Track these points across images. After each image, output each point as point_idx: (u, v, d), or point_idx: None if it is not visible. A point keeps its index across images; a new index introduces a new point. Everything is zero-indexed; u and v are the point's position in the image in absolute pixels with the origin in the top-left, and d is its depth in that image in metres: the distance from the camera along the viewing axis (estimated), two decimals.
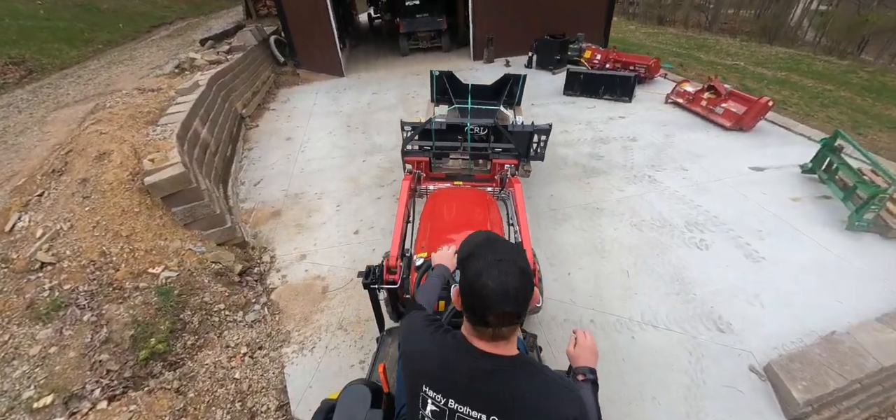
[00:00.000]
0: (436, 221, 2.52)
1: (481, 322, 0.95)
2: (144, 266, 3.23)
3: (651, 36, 18.85)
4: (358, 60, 11.69)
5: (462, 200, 2.74)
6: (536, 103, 7.38)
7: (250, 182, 5.35)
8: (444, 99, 4.62)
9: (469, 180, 3.48)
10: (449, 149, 3.59)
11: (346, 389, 1.33)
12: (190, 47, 9.23)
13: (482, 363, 0.97)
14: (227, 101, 6.57)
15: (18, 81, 7.28)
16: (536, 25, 10.11)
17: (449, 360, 1.02)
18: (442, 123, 3.54)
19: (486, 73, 9.28)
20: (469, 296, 0.96)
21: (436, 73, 4.45)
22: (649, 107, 7.10)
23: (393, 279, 2.15)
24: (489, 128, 3.48)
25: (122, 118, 4.48)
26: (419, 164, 3.35)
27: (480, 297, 0.92)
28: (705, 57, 14.33)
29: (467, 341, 1.01)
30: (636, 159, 5.40)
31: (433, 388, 1.01)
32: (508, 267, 0.93)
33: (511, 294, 0.91)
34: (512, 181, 3.00)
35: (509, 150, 3.42)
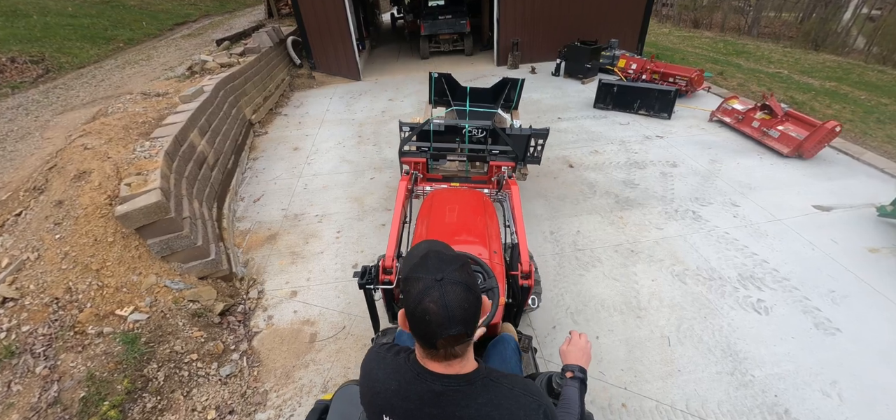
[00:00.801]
0: (432, 222, 2.48)
1: (430, 346, 0.91)
2: (112, 306, 2.87)
3: (686, 40, 17.72)
4: (376, 63, 11.31)
5: (459, 201, 2.69)
6: (564, 117, 6.77)
7: (250, 198, 4.99)
8: (442, 101, 4.61)
9: (466, 182, 3.50)
10: (446, 150, 3.60)
11: (340, 390, 1.31)
12: (207, 48, 9.05)
13: (433, 385, 0.93)
14: (234, 108, 6.27)
15: (34, 81, 7.21)
16: (565, 30, 9.47)
17: (402, 387, 0.98)
18: (440, 125, 3.54)
19: None
20: (413, 321, 0.90)
21: (434, 76, 4.41)
22: (691, 125, 6.37)
23: (388, 280, 2.16)
24: (487, 130, 3.50)
25: (115, 130, 4.18)
26: (416, 164, 3.34)
27: (424, 322, 0.87)
28: (746, 64, 13.23)
29: (420, 364, 0.97)
30: (677, 189, 4.74)
31: (391, 415, 0.98)
32: (450, 287, 0.87)
33: (456, 316, 0.86)
34: (509, 183, 2.97)
35: (506, 153, 3.47)
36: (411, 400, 0.96)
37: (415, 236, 2.54)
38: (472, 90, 4.40)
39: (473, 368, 0.97)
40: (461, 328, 0.87)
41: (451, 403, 0.93)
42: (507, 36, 9.48)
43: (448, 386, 0.93)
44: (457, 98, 4.47)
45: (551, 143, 5.87)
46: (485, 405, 0.92)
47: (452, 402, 0.93)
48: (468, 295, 0.89)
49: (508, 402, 0.94)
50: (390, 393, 1.00)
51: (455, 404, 0.93)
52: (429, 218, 2.53)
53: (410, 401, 0.96)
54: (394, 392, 0.99)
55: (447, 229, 2.41)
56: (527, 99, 7.65)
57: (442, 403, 0.93)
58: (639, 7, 9.74)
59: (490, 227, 2.46)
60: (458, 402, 0.93)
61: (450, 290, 0.87)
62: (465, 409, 0.92)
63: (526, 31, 9.45)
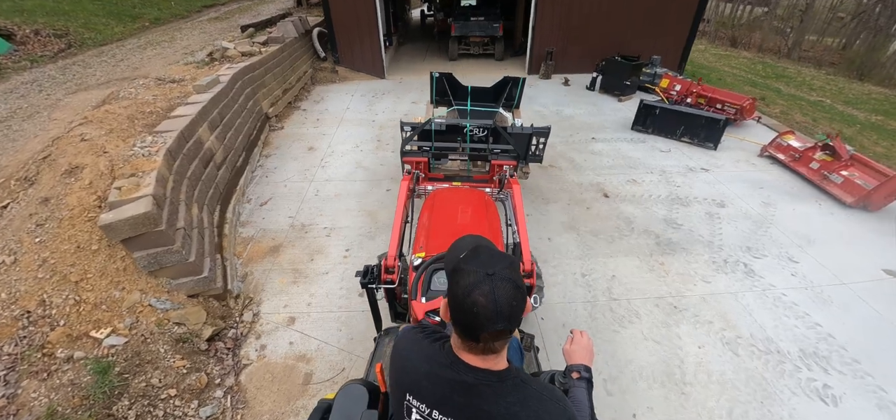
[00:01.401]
0: (434, 221, 2.46)
1: (472, 338, 0.91)
2: (87, 326, 2.57)
3: (722, 59, 16.81)
4: (402, 61, 10.94)
5: (461, 201, 2.70)
6: (599, 138, 6.26)
7: (257, 201, 4.68)
8: (443, 100, 4.57)
9: (468, 181, 3.51)
10: (448, 150, 3.62)
11: (343, 389, 1.31)
12: (231, 33, 8.84)
13: (466, 377, 0.94)
14: (251, 100, 5.98)
15: (54, 56, 7.09)
16: (603, 43, 8.91)
17: (433, 372, 0.99)
18: (441, 124, 3.53)
19: (541, 91, 8.25)
20: (458, 312, 0.91)
21: (435, 75, 4.39)
22: (739, 159, 5.79)
23: (390, 279, 2.15)
24: (488, 129, 3.51)
25: (118, 120, 3.91)
26: (418, 164, 3.35)
27: (471, 314, 0.87)
28: (785, 89, 12.34)
29: (455, 354, 0.98)
30: (726, 235, 4.22)
31: (417, 398, 1.00)
32: (500, 283, 0.88)
33: (504, 312, 0.87)
34: (510, 182, 3.00)
35: (508, 152, 3.49)
36: (441, 386, 0.97)
37: (416, 236, 2.47)
38: (474, 89, 4.36)
39: (505, 367, 0.98)
40: (506, 324, 0.88)
41: (481, 397, 0.93)
42: (542, 44, 8.98)
43: (480, 379, 0.94)
44: (458, 97, 4.42)
45: (584, 166, 5.40)
46: (513, 404, 0.93)
47: (482, 396, 0.93)
48: (516, 293, 0.90)
49: (536, 405, 0.94)
50: (420, 375, 1.01)
51: (484, 399, 0.93)
52: (431, 217, 2.51)
53: (440, 387, 0.97)
54: (424, 375, 1.00)
55: (449, 228, 2.38)
56: (558, 114, 7.17)
57: (471, 395, 0.94)
58: (684, 24, 9.11)
59: (492, 226, 2.45)
60: (488, 397, 0.93)
61: (500, 286, 0.88)
62: (493, 405, 0.92)
63: (562, 40, 8.93)
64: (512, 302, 0.88)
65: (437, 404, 0.97)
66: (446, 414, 0.96)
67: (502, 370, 0.96)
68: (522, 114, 4.73)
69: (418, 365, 1.02)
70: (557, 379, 1.34)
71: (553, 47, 8.81)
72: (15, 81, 5.90)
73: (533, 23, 8.92)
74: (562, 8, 8.69)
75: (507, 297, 0.87)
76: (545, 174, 5.20)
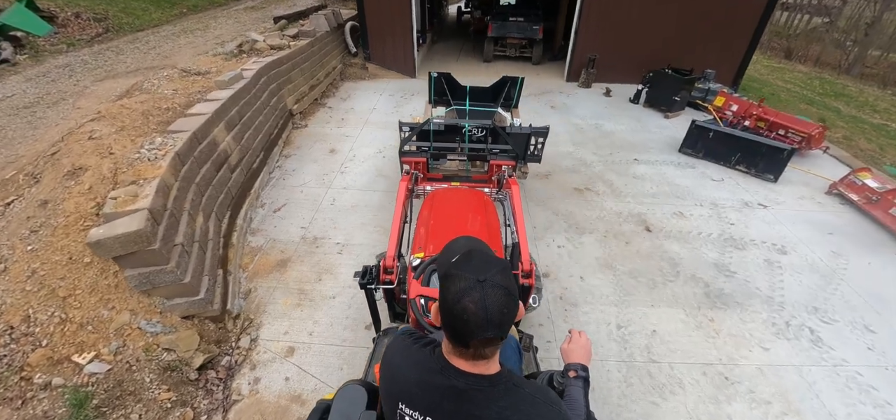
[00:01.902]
0: (433, 221, 2.44)
1: (462, 344, 0.91)
2: (70, 349, 2.37)
3: (775, 72, 15.51)
4: (434, 59, 10.59)
5: (459, 201, 2.69)
6: (642, 159, 5.71)
7: (271, 206, 4.47)
8: (442, 100, 4.52)
9: (467, 181, 3.51)
10: (447, 150, 3.61)
11: (341, 390, 1.29)
12: (263, 24, 8.74)
13: (457, 382, 0.94)
14: (275, 97, 5.80)
15: (91, 40, 7.17)
16: (651, 52, 8.25)
17: (424, 379, 0.98)
18: (440, 124, 3.54)
19: (579, 100, 7.70)
20: (448, 318, 0.91)
21: (434, 75, 4.32)
22: (803, 196, 5.12)
23: (389, 279, 2.15)
24: (487, 129, 3.52)
25: (132, 116, 3.76)
26: (417, 164, 3.34)
27: (461, 321, 0.88)
28: (845, 109, 11.12)
29: (445, 359, 0.98)
30: (788, 290, 3.66)
31: (409, 406, 0.98)
32: (491, 290, 0.87)
33: (495, 319, 0.87)
34: (509, 182, 3.00)
35: (507, 152, 3.50)
36: (432, 392, 0.96)
37: (415, 236, 2.45)
38: (472, 89, 4.33)
39: (497, 371, 0.97)
40: (497, 332, 0.88)
41: (472, 403, 0.92)
42: (584, 50, 8.40)
43: (471, 385, 0.93)
44: (457, 97, 4.38)
45: (625, 192, 4.89)
46: (505, 409, 0.92)
47: (473, 401, 0.92)
48: (508, 300, 0.89)
49: (528, 408, 0.93)
50: (411, 383, 1.00)
51: (476, 404, 0.92)
52: (429, 217, 2.48)
53: (431, 393, 0.96)
54: (415, 382, 0.99)
55: (448, 228, 2.34)
56: (598, 129, 6.63)
57: (462, 401, 0.93)
58: (743, 36, 8.29)
59: (491, 227, 2.43)
60: (479, 403, 0.92)
61: (491, 292, 0.87)
62: (485, 410, 0.92)
63: (606, 47, 8.32)
64: (503, 309, 0.87)
65: (429, 411, 0.95)
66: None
67: (494, 374, 0.95)
68: (551, 124, 4.44)
69: (409, 372, 1.01)
70: (556, 379, 1.34)
71: (596, 54, 8.22)
72: (49, 65, 5.96)
73: (576, 26, 8.36)
74: (609, 12, 8.08)
75: (498, 304, 0.86)
76: (580, 198, 4.73)
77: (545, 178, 5.09)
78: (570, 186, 4.95)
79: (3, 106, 4.71)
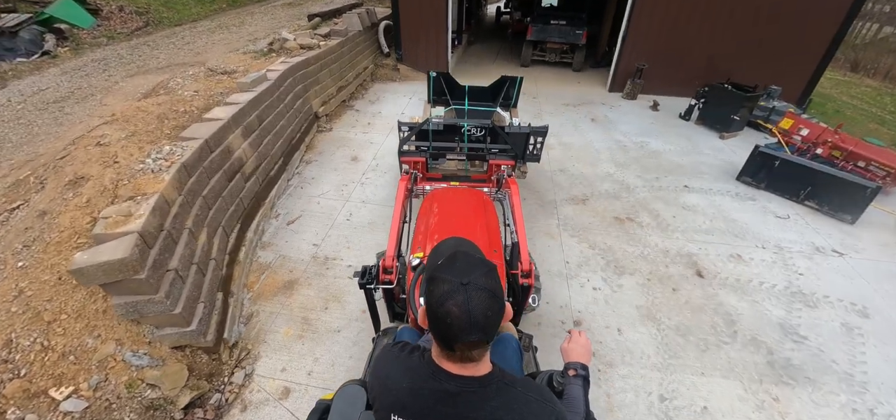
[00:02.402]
0: (432, 221, 2.42)
1: (447, 347, 0.92)
2: (49, 382, 2.19)
3: (839, 85, 14.00)
4: (469, 62, 10.19)
5: (458, 200, 2.68)
6: (693, 186, 5.09)
7: (285, 218, 4.25)
8: (441, 100, 4.49)
9: (466, 181, 3.49)
10: (446, 149, 3.63)
11: (341, 390, 1.29)
12: (297, 21, 8.65)
13: (449, 386, 0.93)
14: (300, 99, 5.61)
15: (130, 34, 7.28)
16: (706, 64, 7.52)
17: (416, 386, 0.97)
18: (439, 124, 3.55)
19: (623, 114, 7.09)
20: (433, 321, 0.91)
21: (433, 75, 4.30)
22: (887, 243, 4.37)
23: (389, 279, 2.16)
24: (486, 129, 3.53)
25: (146, 120, 3.61)
26: (416, 164, 3.33)
27: (444, 324, 0.88)
28: None
29: (435, 363, 0.97)
30: (872, 367, 3.03)
31: (402, 415, 0.96)
32: (475, 293, 0.87)
33: (479, 323, 0.86)
34: (508, 182, 3.01)
35: (506, 151, 3.53)
36: (424, 398, 0.95)
37: (415, 236, 2.45)
38: (471, 89, 4.33)
39: (488, 371, 0.97)
40: (481, 335, 0.88)
41: (465, 405, 0.92)
42: (632, 58, 7.75)
43: (463, 387, 0.93)
44: (455, 97, 4.37)
45: (673, 226, 4.33)
46: (498, 409, 0.92)
47: (466, 403, 0.92)
48: (492, 302, 0.89)
49: (521, 407, 0.94)
50: (403, 391, 0.99)
51: (468, 406, 0.92)
52: (429, 217, 2.48)
53: (423, 399, 0.95)
54: (406, 390, 0.98)
55: (447, 228, 2.33)
56: (643, 148, 6.04)
57: (455, 404, 0.93)
58: (816, 49, 7.37)
59: (490, 226, 2.42)
60: (472, 404, 0.92)
61: (474, 295, 0.87)
62: (478, 411, 0.92)
63: (656, 56, 7.65)
64: (487, 312, 0.87)
65: (423, 417, 0.94)
66: None
67: (484, 375, 0.95)
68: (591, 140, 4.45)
69: (400, 381, 1.00)
70: (556, 378, 1.33)
71: (644, 63, 7.56)
72: (86, 59, 6.04)
73: (624, 32, 7.72)
74: (663, 17, 7.40)
75: (481, 307, 0.86)
76: (621, 230, 4.22)
77: (581, 204, 4.61)
78: (610, 215, 4.44)
79: (35, 100, 4.75)
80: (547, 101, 7.67)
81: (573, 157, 5.59)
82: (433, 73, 4.28)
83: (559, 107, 7.38)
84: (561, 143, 5.97)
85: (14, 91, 5.02)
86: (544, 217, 4.36)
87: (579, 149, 5.84)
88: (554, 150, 5.76)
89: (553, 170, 5.24)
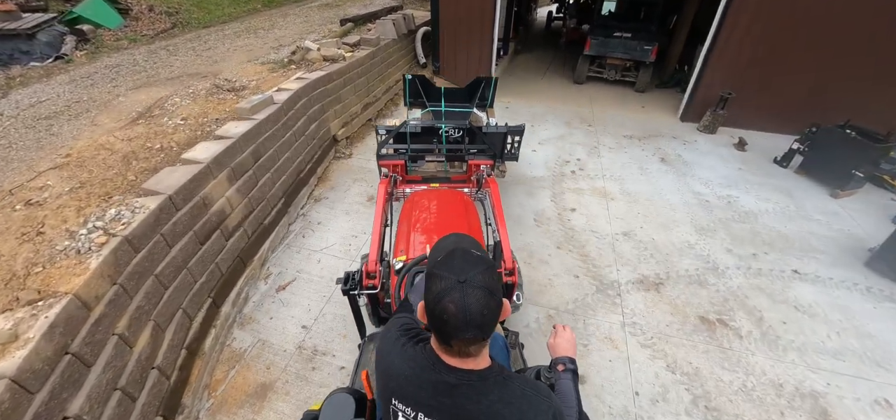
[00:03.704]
0: (414, 223, 2.45)
1: (444, 343, 0.94)
2: None
3: None
4: (515, 76, 9.11)
5: (439, 202, 2.66)
6: (805, 271, 3.80)
7: (276, 280, 3.48)
8: (417, 102, 4.42)
9: (446, 182, 3.51)
10: (424, 151, 3.65)
11: (329, 398, 1.29)
12: (328, 26, 7.98)
13: (448, 377, 0.95)
14: (315, 122, 4.86)
15: (154, 37, 6.88)
16: (812, 98, 6.03)
17: (416, 374, 0.99)
18: (417, 126, 3.58)
19: (701, 154, 5.80)
20: (430, 318, 0.93)
21: (408, 77, 4.26)
22: None
23: (372, 284, 2.15)
24: (463, 129, 3.61)
25: (107, 163, 2.95)
26: (395, 167, 3.33)
27: (441, 321, 0.89)
28: None
29: (436, 354, 0.99)
30: None
31: (402, 402, 1.00)
32: (471, 290, 0.88)
33: (475, 320, 0.87)
34: (488, 181, 3.07)
35: (484, 151, 3.54)
36: (424, 388, 0.97)
37: (397, 239, 2.44)
38: (447, 90, 4.36)
39: (487, 365, 0.98)
40: (477, 333, 0.89)
41: (464, 397, 0.93)
42: (716, 83, 6.38)
43: (462, 379, 0.94)
44: (432, 99, 4.35)
45: (784, 340, 3.13)
46: (496, 402, 0.93)
47: (465, 395, 0.93)
48: (489, 301, 0.89)
49: (519, 401, 0.95)
50: (403, 379, 1.00)
51: (467, 398, 0.93)
52: (410, 219, 2.49)
53: (423, 389, 0.97)
54: (407, 378, 1.00)
55: (429, 229, 2.36)
56: (730, 204, 4.78)
57: (453, 395, 0.94)
58: None
59: (472, 226, 2.47)
60: (471, 397, 0.93)
61: (471, 293, 0.87)
62: (476, 404, 0.93)
63: (745, 82, 6.25)
64: (483, 310, 0.88)
65: (422, 407, 0.96)
66: (431, 416, 0.95)
67: (483, 369, 0.96)
68: (662, 188, 3.81)
69: (401, 369, 1.02)
70: (543, 374, 1.31)
71: (732, 91, 6.19)
72: (100, 64, 5.62)
73: (707, 50, 6.36)
74: (760, 36, 6.00)
75: (478, 305, 0.87)
76: (710, 339, 3.10)
77: (654, 291, 3.50)
78: (695, 312, 3.32)
79: (28, 115, 4.29)
80: (605, 130, 6.49)
81: (641, 214, 4.46)
82: (408, 76, 4.22)
83: (620, 139, 6.19)
84: (624, 193, 4.83)
85: (12, 102, 4.61)
86: (603, 308, 3.31)
87: (647, 202, 4.68)
88: (616, 202, 4.64)
89: (614, 233, 4.15)
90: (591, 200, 4.64)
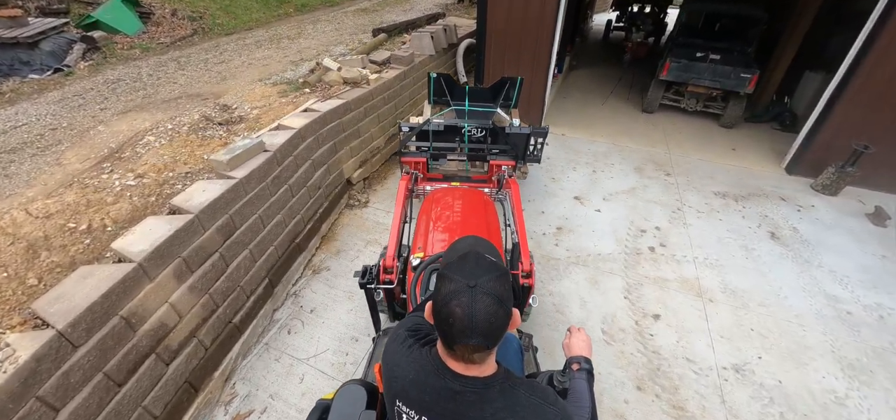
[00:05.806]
0: (432, 221, 2.45)
1: (448, 346, 0.91)
2: None
3: None
4: (570, 98, 7.81)
5: (459, 200, 2.64)
6: None
7: (239, 405, 2.54)
8: (441, 101, 4.22)
9: (466, 181, 3.50)
10: (446, 150, 3.66)
11: (341, 389, 1.28)
12: (361, 35, 7.08)
13: (452, 383, 0.92)
14: (323, 166, 3.93)
15: (169, 45, 6.25)
16: None
17: (421, 378, 0.97)
18: (440, 125, 3.58)
19: (827, 229, 4.31)
20: (437, 319, 0.91)
21: (433, 76, 4.03)
22: None
23: (389, 279, 2.16)
24: (486, 129, 3.60)
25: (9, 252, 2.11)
26: (417, 164, 3.33)
27: (446, 323, 0.86)
28: None
29: (441, 359, 0.96)
30: None
31: (406, 404, 0.98)
32: (480, 296, 0.84)
33: (480, 327, 0.83)
34: (509, 182, 3.06)
35: (506, 152, 3.56)
36: (428, 392, 0.95)
37: (415, 236, 2.46)
38: (471, 90, 4.09)
39: (492, 372, 0.95)
40: (481, 341, 0.85)
41: (467, 404, 0.91)
42: (846, 131, 4.84)
43: (466, 386, 0.92)
44: (456, 97, 4.11)
45: None
46: (501, 410, 0.91)
47: (468, 402, 0.91)
48: (498, 309, 0.86)
49: (524, 410, 0.93)
50: (408, 381, 0.98)
51: (470, 406, 0.91)
52: (429, 217, 2.50)
53: (427, 393, 0.95)
54: (411, 381, 0.98)
55: (447, 228, 2.35)
56: (882, 318, 3.35)
57: (457, 402, 0.92)
58: None
59: (490, 226, 2.44)
60: (474, 404, 0.91)
61: (480, 299, 0.85)
62: (480, 411, 0.91)
63: (887, 133, 4.68)
64: (491, 318, 0.84)
65: (425, 410, 0.94)
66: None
67: (488, 376, 0.94)
68: (780, 287, 2.75)
69: (406, 371, 1.00)
70: (556, 377, 1.30)
71: (867, 145, 4.63)
72: (98, 80, 4.99)
73: (840, 81, 4.80)
74: None
75: (485, 312, 0.84)
76: None
77: None
78: None
79: None
80: (689, 183, 5.09)
81: (755, 332, 3.14)
82: (433, 75, 4.08)
83: (711, 198, 4.79)
84: (726, 289, 3.51)
85: None
86: None
87: (762, 308, 3.35)
88: (717, 306, 3.35)
89: (721, 366, 2.87)
90: (680, 301, 3.37)
